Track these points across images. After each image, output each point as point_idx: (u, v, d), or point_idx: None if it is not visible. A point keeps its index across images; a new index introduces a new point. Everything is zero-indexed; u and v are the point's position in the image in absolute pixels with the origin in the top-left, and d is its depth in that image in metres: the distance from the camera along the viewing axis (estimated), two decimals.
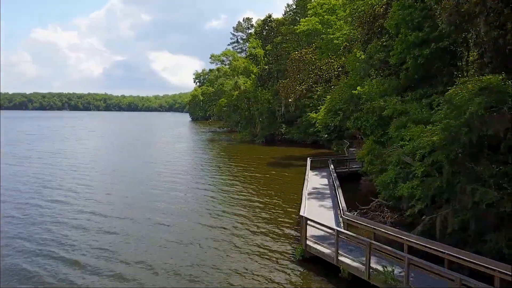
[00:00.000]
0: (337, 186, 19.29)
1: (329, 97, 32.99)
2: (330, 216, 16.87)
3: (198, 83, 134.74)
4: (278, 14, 71.65)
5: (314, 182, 24.21)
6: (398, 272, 10.36)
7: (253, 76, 62.83)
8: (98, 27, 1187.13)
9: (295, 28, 45.58)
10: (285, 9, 72.59)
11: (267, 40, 64.99)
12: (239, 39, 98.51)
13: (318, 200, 19.61)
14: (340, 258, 12.03)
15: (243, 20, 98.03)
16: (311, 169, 28.32)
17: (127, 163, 39.74)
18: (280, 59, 60.10)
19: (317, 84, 40.16)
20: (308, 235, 13.78)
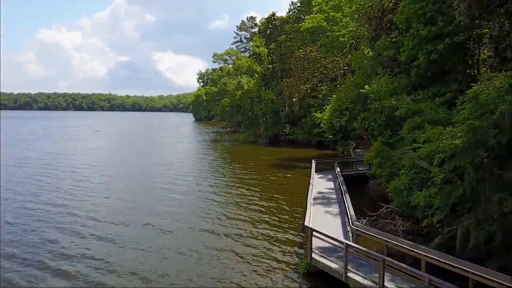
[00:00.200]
0: (344, 191, 18.04)
1: (335, 97, 31.72)
2: (337, 224, 15.63)
3: (201, 83, 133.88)
4: (282, 14, 70.34)
5: (319, 186, 22.98)
6: None
7: (257, 75, 61.63)
8: (102, 27, 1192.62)
9: (300, 25, 44.31)
10: (289, 6, 71.36)
11: (271, 39, 63.74)
12: (242, 38, 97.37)
13: (324, 206, 18.38)
14: (349, 274, 10.81)
15: (247, 19, 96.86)
16: (316, 171, 27.09)
17: (129, 165, 38.78)
18: (284, 58, 58.83)
19: (322, 83, 38.85)
20: (314, 247, 12.58)
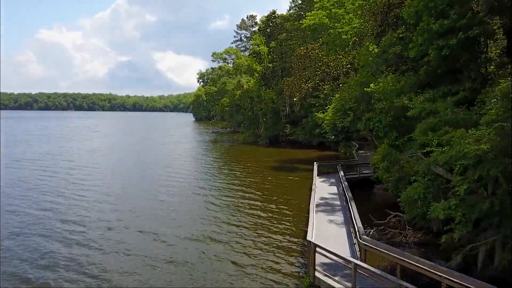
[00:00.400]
0: (349, 198, 16.65)
1: (337, 96, 30.33)
2: (342, 235, 14.26)
3: (201, 83, 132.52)
4: (283, 12, 68.96)
5: (322, 191, 21.60)
6: None
7: (257, 74, 60.25)
8: (102, 27, 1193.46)
9: (301, 23, 42.93)
10: (290, 4, 69.84)
11: (271, 37, 62.36)
12: (242, 37, 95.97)
13: (328, 214, 17.01)
14: None
15: (247, 18, 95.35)
16: (318, 174, 25.75)
17: (126, 167, 37.47)
18: (284, 57, 57.46)
19: (324, 82, 37.42)
20: (317, 263, 11.24)
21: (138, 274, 12.83)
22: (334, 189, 22.57)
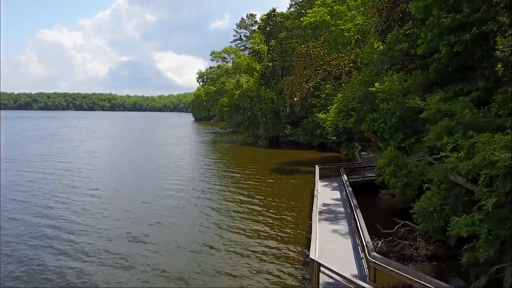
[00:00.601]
0: (355, 207, 15.39)
1: (340, 96, 29.10)
2: (348, 248, 13.04)
3: (201, 83, 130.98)
4: (283, 11, 67.69)
5: (324, 196, 20.37)
6: None
7: (256, 74, 58.96)
8: (103, 27, 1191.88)
9: (302, 20, 41.64)
10: (290, 2, 68.41)
11: (271, 36, 61.07)
12: (242, 36, 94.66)
13: (331, 223, 15.79)
14: None
15: (247, 17, 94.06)
16: (320, 178, 24.50)
17: (121, 169, 36.21)
18: (284, 56, 56.17)
19: (325, 82, 36.16)
20: (321, 282, 10.05)
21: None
22: (337, 194, 21.34)
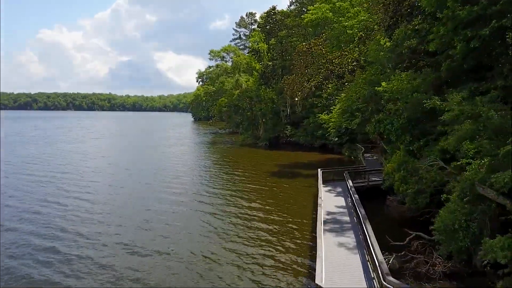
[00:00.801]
0: (363, 218, 13.99)
1: (343, 96, 27.69)
2: (356, 265, 11.69)
3: (200, 82, 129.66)
4: (284, 8, 66.30)
5: (328, 203, 19.01)
6: None
7: (256, 73, 57.58)
8: (103, 27, 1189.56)
9: (303, 17, 40.28)
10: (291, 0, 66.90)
11: (271, 34, 59.68)
12: (241, 35, 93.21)
13: (337, 235, 14.43)
14: None
15: (246, 15, 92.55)
16: (323, 183, 23.12)
17: (117, 172, 34.87)
18: (285, 55, 54.82)
19: (327, 81, 34.77)
20: None
21: None
22: (341, 200, 19.96)
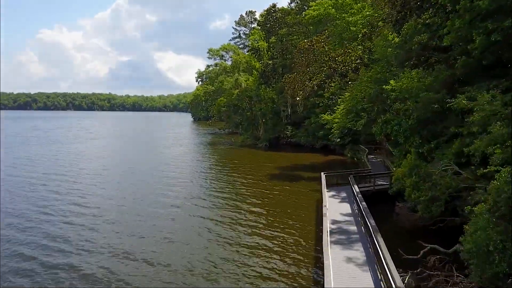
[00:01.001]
0: (374, 230, 12.56)
1: (348, 95, 26.30)
2: (367, 284, 10.30)
3: (200, 82, 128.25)
4: (284, 6, 64.83)
5: (333, 211, 17.63)
6: None
7: (255, 72, 56.17)
8: (103, 27, 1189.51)
9: (305, 13, 38.89)
10: None
11: (271, 33, 58.28)
12: (241, 34, 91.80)
13: (344, 247, 13.07)
14: None
15: (246, 14, 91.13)
16: (327, 187, 21.72)
17: (114, 174, 33.57)
18: (285, 53, 53.42)
19: (330, 79, 33.37)
20: None
21: None
22: (347, 207, 18.57)
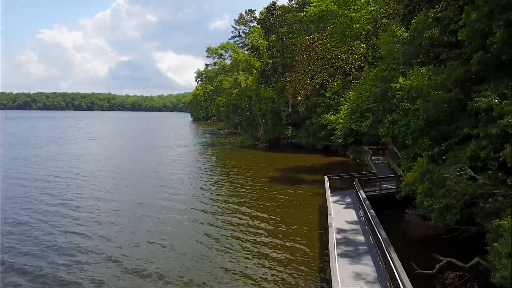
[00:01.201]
0: (386, 244, 11.36)
1: (352, 94, 25.08)
2: None
3: (200, 82, 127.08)
4: (284, 4, 63.58)
5: (338, 218, 16.44)
6: None
7: (255, 71, 54.96)
8: (103, 27, 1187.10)
9: (306, 10, 37.67)
10: None
11: (271, 31, 57.06)
12: (241, 33, 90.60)
13: (352, 261, 11.90)
14: None
15: (245, 13, 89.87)
16: (330, 192, 20.52)
17: (112, 176, 32.38)
18: (286, 52, 52.21)
19: (333, 78, 32.15)
20: None
21: None
22: (352, 214, 17.39)
